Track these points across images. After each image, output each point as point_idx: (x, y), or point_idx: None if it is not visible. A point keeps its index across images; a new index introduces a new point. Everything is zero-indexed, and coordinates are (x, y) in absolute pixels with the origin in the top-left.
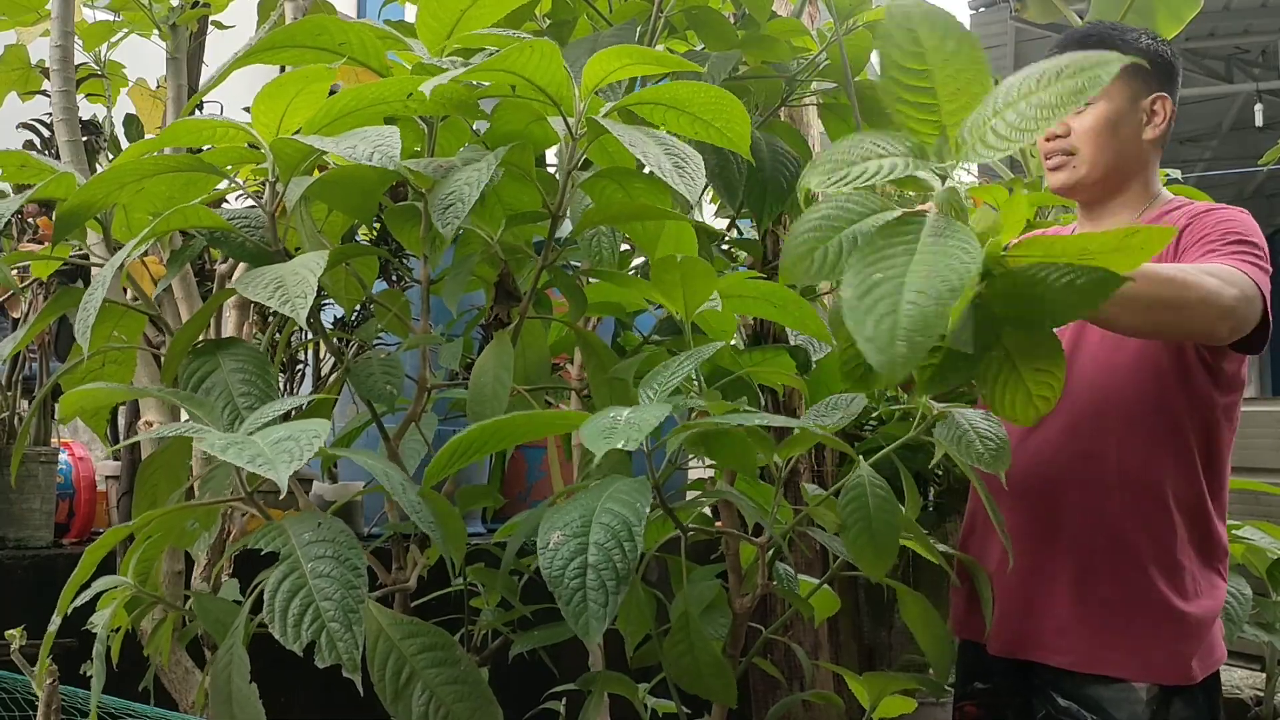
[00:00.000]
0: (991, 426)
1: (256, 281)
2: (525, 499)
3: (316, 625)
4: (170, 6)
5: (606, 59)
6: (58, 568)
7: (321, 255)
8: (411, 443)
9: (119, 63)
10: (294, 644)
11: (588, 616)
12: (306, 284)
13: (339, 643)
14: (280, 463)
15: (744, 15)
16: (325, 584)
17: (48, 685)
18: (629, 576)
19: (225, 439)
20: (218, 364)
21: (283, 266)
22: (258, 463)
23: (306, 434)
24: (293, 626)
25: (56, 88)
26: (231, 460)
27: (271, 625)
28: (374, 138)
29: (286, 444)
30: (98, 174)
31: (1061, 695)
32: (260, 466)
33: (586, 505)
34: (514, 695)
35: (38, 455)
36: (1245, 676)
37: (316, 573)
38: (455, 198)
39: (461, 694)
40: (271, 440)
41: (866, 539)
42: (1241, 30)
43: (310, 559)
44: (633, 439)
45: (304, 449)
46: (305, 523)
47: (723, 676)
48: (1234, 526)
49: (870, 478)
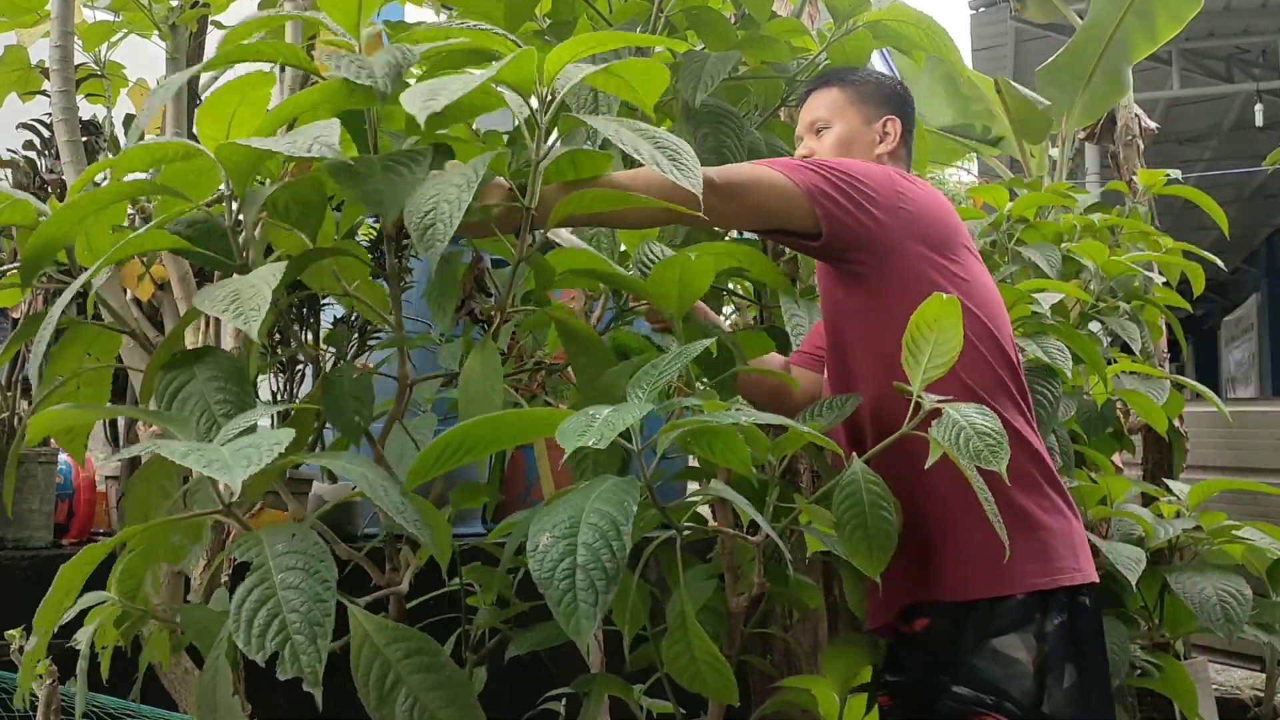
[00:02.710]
0: (988, 422)
1: (212, 296)
2: (525, 498)
3: (281, 637)
4: (170, 6)
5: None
6: (57, 568)
7: (279, 267)
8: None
9: (119, 63)
10: (257, 654)
11: (578, 617)
12: (261, 297)
13: (302, 655)
14: (237, 467)
15: (744, 15)
16: (293, 595)
17: (47, 686)
18: (618, 576)
19: (186, 447)
20: (192, 374)
21: (240, 280)
22: (214, 467)
23: (268, 440)
24: (257, 636)
25: (56, 88)
26: (190, 465)
27: (236, 634)
28: (314, 131)
29: (247, 450)
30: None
31: (957, 683)
32: (217, 470)
33: (575, 506)
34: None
35: (37, 455)
36: (1245, 676)
37: (286, 584)
38: (435, 217)
39: (446, 699)
40: (234, 447)
41: (861, 536)
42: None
43: (281, 569)
44: (605, 437)
45: (264, 454)
46: (280, 533)
47: (722, 674)
48: (1234, 527)
49: (865, 475)
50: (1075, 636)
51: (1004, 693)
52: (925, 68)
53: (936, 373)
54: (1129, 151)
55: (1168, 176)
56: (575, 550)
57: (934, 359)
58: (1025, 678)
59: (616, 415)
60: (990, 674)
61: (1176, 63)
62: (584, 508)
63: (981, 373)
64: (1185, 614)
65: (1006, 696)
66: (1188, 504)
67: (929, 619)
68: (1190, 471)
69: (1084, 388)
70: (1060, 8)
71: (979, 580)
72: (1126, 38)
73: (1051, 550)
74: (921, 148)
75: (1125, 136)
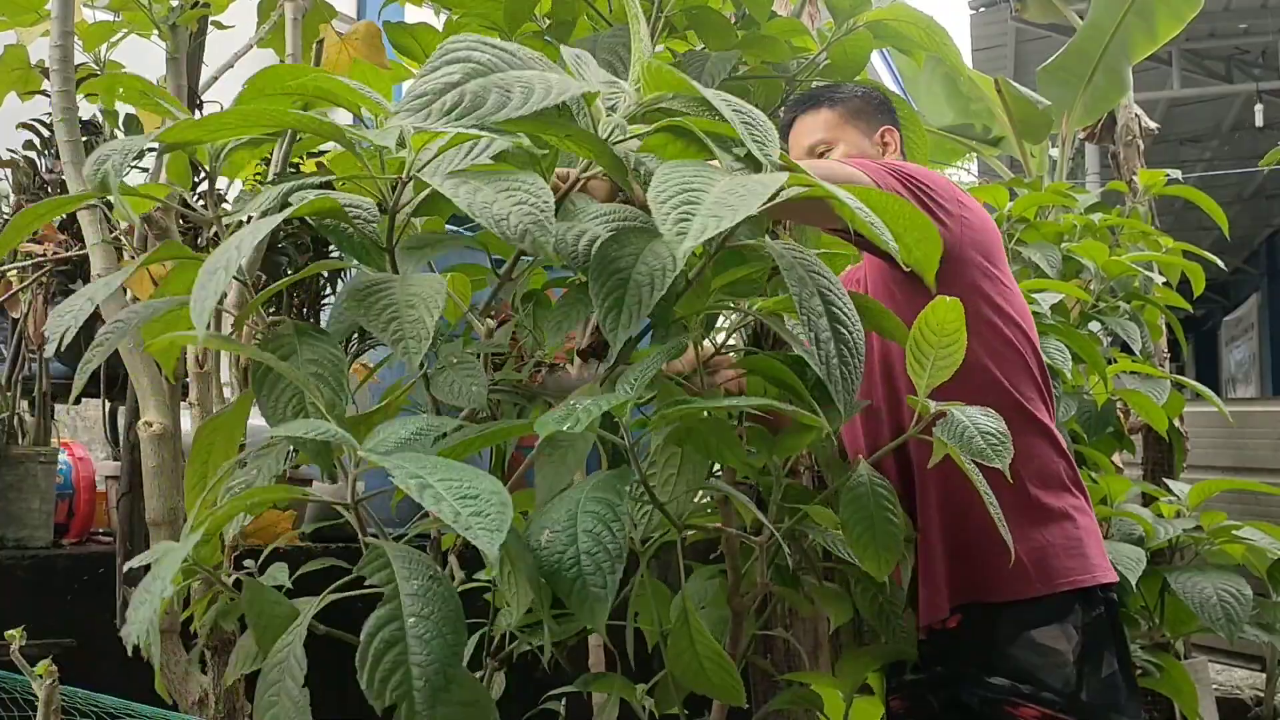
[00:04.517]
0: (992, 422)
1: (372, 305)
2: None
3: (402, 690)
4: (170, 6)
5: None
6: (57, 568)
7: (440, 286)
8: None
9: (119, 63)
10: (376, 700)
11: (590, 602)
12: (424, 328)
13: (419, 712)
14: (496, 534)
15: (744, 15)
16: (419, 650)
17: (47, 685)
18: (621, 555)
19: (420, 480)
20: (294, 349)
21: (399, 290)
22: (478, 531)
23: (494, 500)
24: (380, 681)
25: (56, 88)
26: (445, 517)
27: (360, 670)
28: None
29: (498, 512)
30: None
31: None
32: (481, 536)
33: (570, 501)
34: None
35: (38, 455)
36: (1245, 676)
37: (415, 633)
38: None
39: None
40: (475, 510)
41: (869, 538)
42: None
43: (411, 614)
44: (581, 422)
45: (505, 519)
46: (413, 566)
47: (726, 673)
48: (1234, 526)
49: (871, 475)
50: (1112, 626)
51: (1042, 682)
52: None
53: (941, 375)
54: (1129, 151)
55: (1168, 176)
56: (577, 539)
57: (938, 363)
58: (1066, 667)
59: (595, 403)
60: (1029, 664)
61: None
62: (579, 499)
63: (1024, 380)
64: (1186, 614)
65: (1045, 686)
66: (1188, 504)
67: (963, 614)
68: (1190, 471)
69: (1084, 387)
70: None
71: (1028, 580)
72: (1127, 38)
73: (1087, 547)
74: (921, 147)
75: (1125, 136)
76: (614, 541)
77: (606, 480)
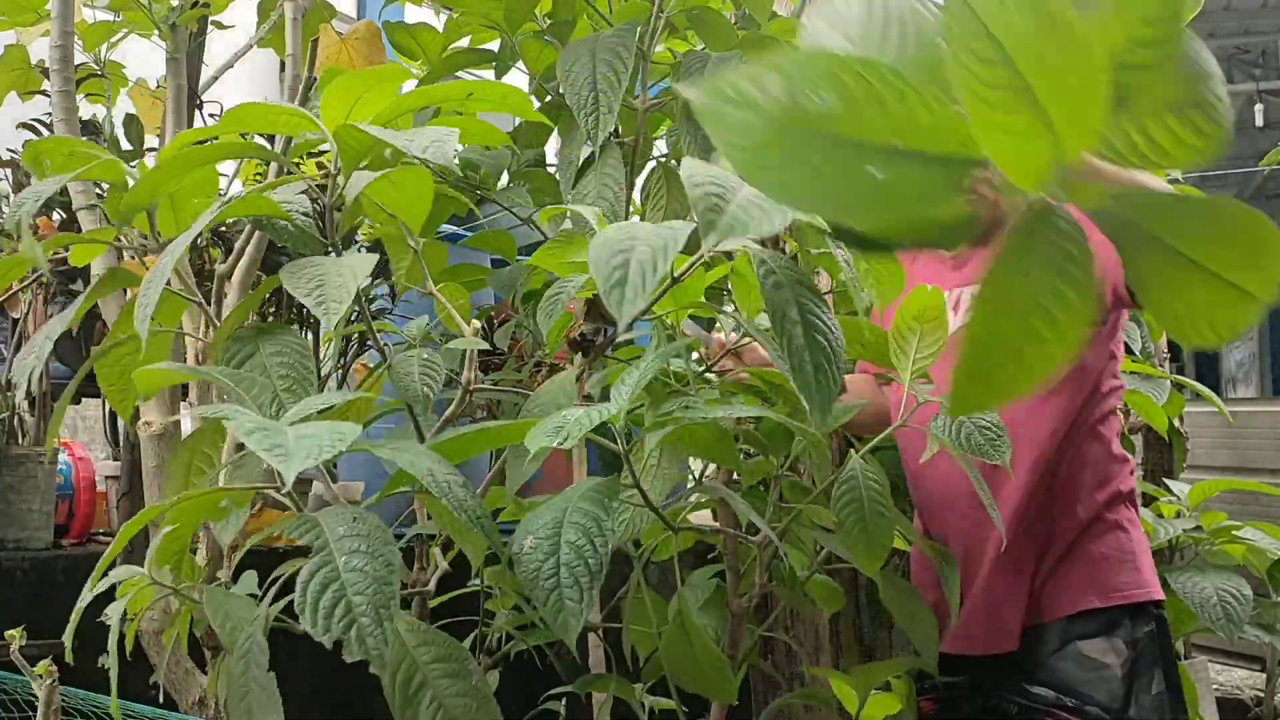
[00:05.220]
0: (988, 415)
1: (300, 275)
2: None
3: (347, 620)
4: (170, 6)
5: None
6: (57, 569)
7: (370, 259)
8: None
9: (119, 63)
10: (324, 637)
11: (565, 615)
12: (345, 291)
13: (368, 638)
14: (297, 455)
15: (744, 15)
16: (357, 578)
17: (47, 685)
18: (601, 572)
19: (256, 422)
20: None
21: (329, 264)
22: (275, 453)
23: (334, 434)
24: (323, 619)
25: (56, 88)
26: (252, 446)
27: (302, 616)
28: (433, 134)
29: (310, 440)
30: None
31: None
32: (277, 458)
33: (558, 508)
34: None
35: (38, 455)
36: (1245, 676)
37: (350, 566)
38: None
39: (470, 708)
40: (298, 433)
41: (860, 532)
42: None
43: (344, 552)
44: (572, 436)
45: (326, 447)
46: (339, 516)
47: (722, 674)
48: (1234, 527)
49: (864, 471)
50: (1163, 644)
51: (1087, 696)
52: None
53: (926, 364)
54: None
55: (1168, 176)
56: (559, 550)
57: (921, 350)
58: (1114, 681)
59: (587, 415)
60: (1074, 676)
61: None
62: (567, 508)
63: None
64: (1186, 614)
65: (1090, 700)
66: (1188, 504)
67: None
68: (1190, 471)
69: None
70: None
71: (1081, 591)
72: None
73: (1140, 561)
74: None
75: None
76: (595, 557)
77: (595, 491)
